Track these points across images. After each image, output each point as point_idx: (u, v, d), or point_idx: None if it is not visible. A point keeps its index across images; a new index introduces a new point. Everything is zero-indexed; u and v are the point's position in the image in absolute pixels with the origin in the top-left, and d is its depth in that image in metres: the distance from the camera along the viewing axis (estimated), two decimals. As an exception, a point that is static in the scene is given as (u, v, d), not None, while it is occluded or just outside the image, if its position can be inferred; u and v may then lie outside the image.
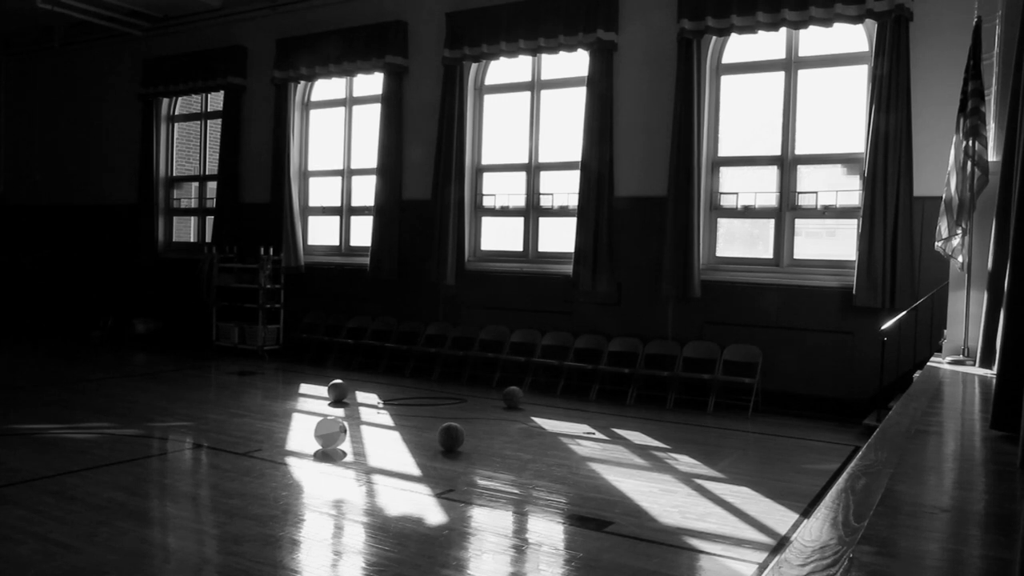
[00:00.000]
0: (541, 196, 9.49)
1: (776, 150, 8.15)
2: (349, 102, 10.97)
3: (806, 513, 4.64)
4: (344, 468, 5.50)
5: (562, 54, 9.15)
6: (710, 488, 5.19)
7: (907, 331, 7.09)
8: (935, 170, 6.75)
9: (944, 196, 5.17)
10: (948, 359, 5.06)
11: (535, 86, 9.53)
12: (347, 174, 10.95)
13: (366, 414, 7.40)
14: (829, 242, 8.24)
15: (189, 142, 12.91)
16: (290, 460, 5.68)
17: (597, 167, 8.67)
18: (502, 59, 9.50)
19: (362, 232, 10.74)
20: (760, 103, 8.41)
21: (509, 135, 9.75)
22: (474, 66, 9.77)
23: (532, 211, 9.54)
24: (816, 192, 7.98)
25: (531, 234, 9.54)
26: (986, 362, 4.20)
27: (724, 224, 8.56)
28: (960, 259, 5.05)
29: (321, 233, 11.31)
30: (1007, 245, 2.77)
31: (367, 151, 10.58)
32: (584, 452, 6.10)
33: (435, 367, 9.55)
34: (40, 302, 13.75)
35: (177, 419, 6.96)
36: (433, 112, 9.75)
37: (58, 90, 14.02)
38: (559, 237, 9.32)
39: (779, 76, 8.15)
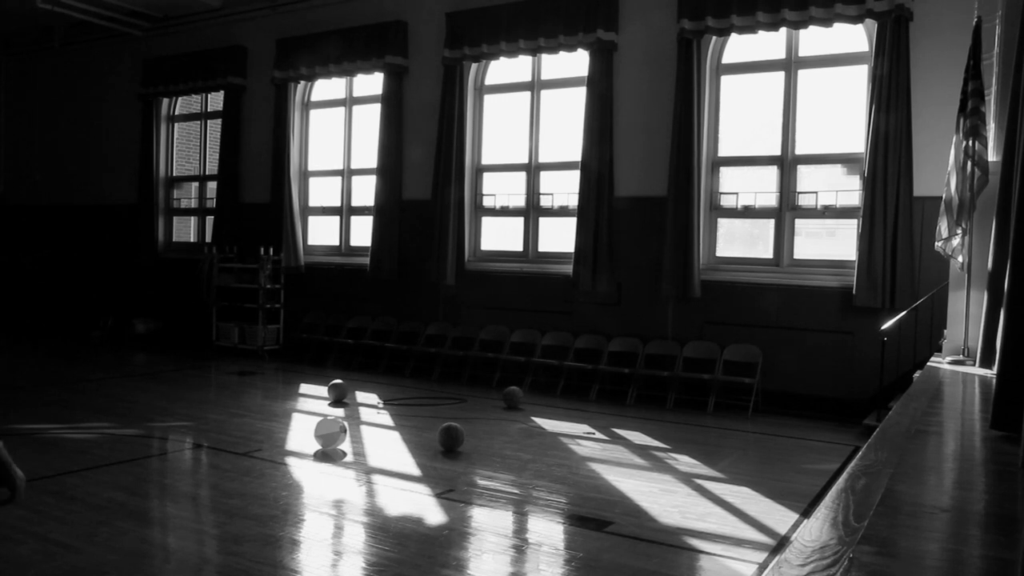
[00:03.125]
0: (541, 196, 9.49)
1: (776, 150, 8.15)
2: (349, 102, 10.97)
3: (806, 513, 4.64)
4: (344, 468, 5.49)
5: (562, 54, 9.15)
6: (710, 488, 5.19)
7: (907, 331, 7.09)
8: (935, 170, 6.75)
9: (944, 196, 5.17)
10: (948, 359, 5.05)
11: (535, 86, 9.53)
12: (347, 174, 10.96)
13: (366, 414, 7.40)
14: (829, 242, 8.24)
15: (189, 142, 12.91)
16: (290, 460, 5.68)
17: (597, 167, 8.67)
18: (502, 59, 9.50)
19: (362, 232, 10.73)
20: (760, 103, 8.41)
21: (509, 135, 9.75)
22: (474, 66, 9.77)
23: (532, 211, 9.54)
24: (816, 192, 7.98)
25: (531, 234, 9.54)
26: (986, 362, 4.20)
27: (724, 224, 8.56)
28: (960, 259, 5.05)
29: (321, 233, 11.31)
30: (1007, 245, 2.77)
31: (367, 151, 10.58)
32: (584, 452, 6.09)
33: (435, 367, 9.55)
34: (40, 302, 13.75)
35: (177, 419, 6.96)
36: (433, 112, 9.75)
37: (58, 90, 14.02)
38: (559, 237, 9.32)
39: (779, 76, 8.14)
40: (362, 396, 8.19)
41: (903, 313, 6.97)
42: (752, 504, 4.84)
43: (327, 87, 11.21)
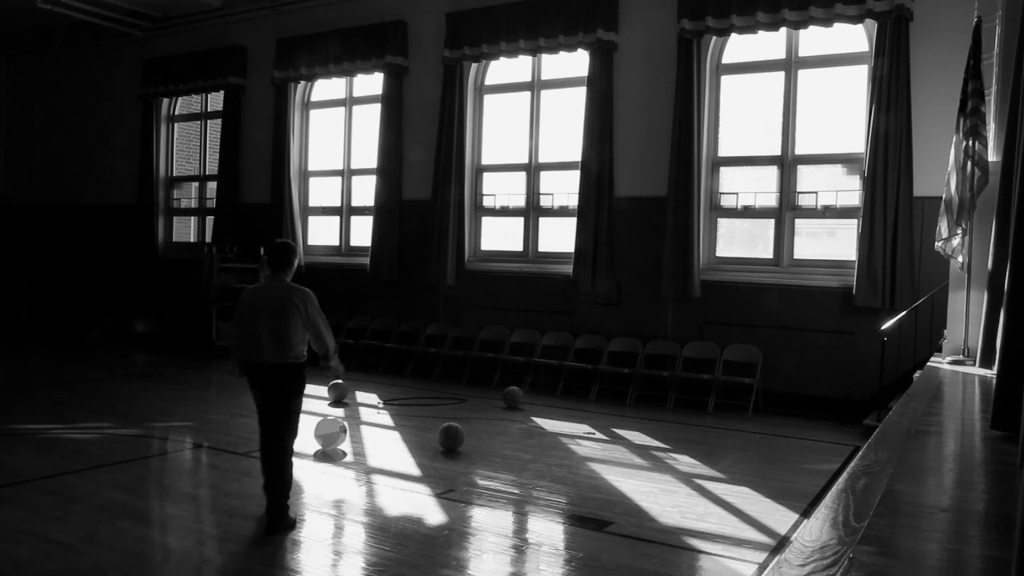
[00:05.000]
0: (541, 196, 9.49)
1: (776, 150, 8.15)
2: (349, 102, 10.97)
3: (806, 513, 4.64)
4: (344, 468, 5.49)
5: (562, 54, 9.15)
6: (710, 488, 5.19)
7: (907, 331, 7.08)
8: (935, 170, 6.74)
9: (944, 196, 5.17)
10: (948, 359, 5.05)
11: (535, 86, 9.52)
12: (347, 174, 10.95)
13: (366, 414, 7.40)
14: (829, 242, 8.24)
15: (189, 142, 12.91)
16: (290, 460, 5.67)
17: (597, 167, 8.67)
18: (502, 59, 9.50)
19: (362, 232, 10.73)
20: (760, 103, 8.40)
21: (509, 135, 9.75)
22: (474, 66, 9.77)
23: (532, 211, 9.53)
24: (816, 192, 7.98)
25: (531, 234, 9.54)
26: (986, 362, 4.20)
27: (724, 224, 8.55)
28: (960, 259, 5.05)
29: (321, 233, 11.31)
30: (1007, 245, 2.76)
31: (367, 151, 10.58)
32: (584, 452, 6.09)
33: (435, 367, 9.55)
34: (40, 302, 13.74)
35: (177, 419, 6.96)
36: (433, 112, 9.75)
37: (58, 90, 14.01)
38: (559, 237, 9.31)
39: (779, 76, 8.14)
40: (362, 396, 8.19)
41: (903, 313, 6.97)
42: (752, 504, 4.84)
43: (327, 87, 11.21)
